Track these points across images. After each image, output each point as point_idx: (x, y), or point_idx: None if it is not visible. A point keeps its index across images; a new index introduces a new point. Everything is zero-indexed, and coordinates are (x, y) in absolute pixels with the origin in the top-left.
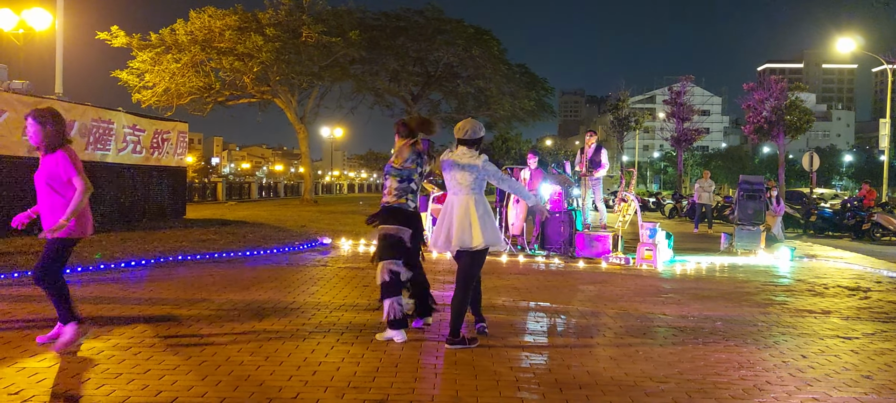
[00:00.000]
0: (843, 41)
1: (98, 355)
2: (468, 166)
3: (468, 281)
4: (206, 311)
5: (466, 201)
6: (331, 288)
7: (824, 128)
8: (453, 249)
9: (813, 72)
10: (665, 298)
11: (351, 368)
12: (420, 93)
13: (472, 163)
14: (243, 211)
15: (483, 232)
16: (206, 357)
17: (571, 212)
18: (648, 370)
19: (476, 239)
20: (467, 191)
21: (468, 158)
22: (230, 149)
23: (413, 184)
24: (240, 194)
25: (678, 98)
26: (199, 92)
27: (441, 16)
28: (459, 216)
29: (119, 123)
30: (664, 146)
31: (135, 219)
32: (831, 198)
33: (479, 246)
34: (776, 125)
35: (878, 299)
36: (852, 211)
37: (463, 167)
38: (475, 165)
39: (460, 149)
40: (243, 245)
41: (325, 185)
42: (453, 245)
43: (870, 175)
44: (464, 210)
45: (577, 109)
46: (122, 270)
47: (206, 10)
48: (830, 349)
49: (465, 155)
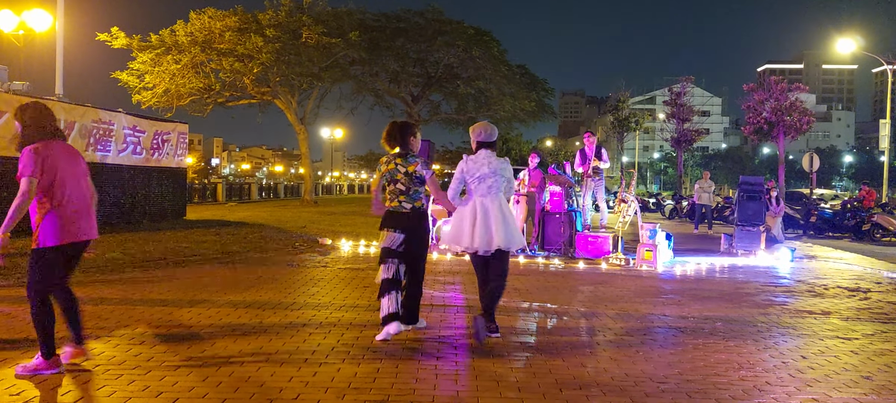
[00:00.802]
0: (842, 42)
1: (99, 356)
2: (500, 169)
3: (506, 272)
4: (206, 312)
5: (500, 203)
6: (331, 289)
7: (824, 129)
8: (494, 248)
9: (813, 73)
10: (665, 299)
11: (352, 369)
12: (420, 94)
13: (502, 165)
14: (243, 212)
15: (517, 231)
16: (207, 358)
17: (572, 213)
18: (649, 370)
19: (517, 238)
20: (496, 193)
21: (496, 161)
22: (230, 149)
23: (400, 185)
24: (240, 195)
25: (678, 99)
26: (199, 93)
27: (441, 17)
28: (499, 217)
29: (119, 124)
30: (664, 147)
31: (135, 220)
32: (831, 199)
33: (521, 244)
34: (776, 126)
35: (878, 300)
36: (852, 212)
37: (495, 170)
38: (505, 167)
39: (483, 152)
40: (244, 246)
41: (326, 186)
42: (496, 244)
43: (870, 175)
44: (501, 211)
45: (577, 110)
46: (123, 271)
47: (206, 11)
48: (830, 349)
49: (491, 157)
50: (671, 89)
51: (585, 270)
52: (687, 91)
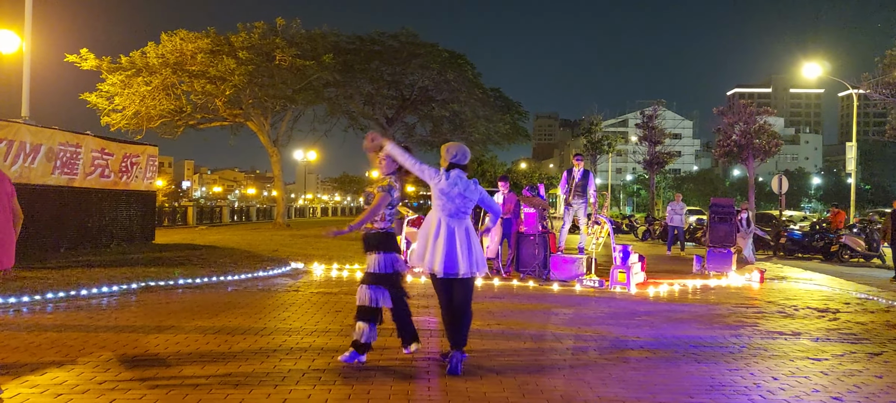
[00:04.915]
0: (809, 66)
1: (61, 385)
2: (468, 192)
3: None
4: (174, 338)
5: (466, 226)
6: (302, 314)
7: (793, 152)
8: (459, 273)
9: (781, 97)
10: (639, 320)
11: (322, 395)
12: (395, 117)
13: (472, 189)
14: (214, 236)
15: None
16: (174, 384)
17: (545, 235)
18: (621, 393)
19: (481, 263)
20: (463, 216)
21: (467, 184)
22: (202, 172)
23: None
24: (211, 218)
25: (650, 122)
26: (170, 115)
27: (416, 40)
28: (464, 241)
29: (87, 147)
30: (637, 169)
31: (102, 244)
32: (801, 221)
33: (485, 268)
34: (745, 148)
35: (847, 320)
36: (821, 234)
37: (463, 193)
38: (474, 190)
39: (455, 172)
40: (213, 270)
41: (299, 209)
42: (461, 271)
43: (838, 197)
44: (466, 235)
45: (551, 132)
46: (89, 297)
47: (177, 33)
48: (801, 370)
49: (463, 179)
50: (643, 112)
51: (559, 292)
52: (658, 114)
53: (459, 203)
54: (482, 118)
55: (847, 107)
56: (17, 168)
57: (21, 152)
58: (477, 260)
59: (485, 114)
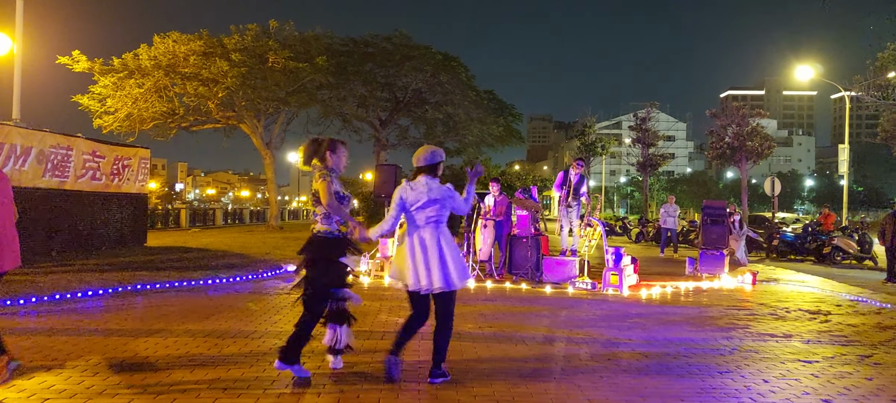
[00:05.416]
0: (802, 69)
1: (49, 390)
2: (440, 197)
3: (451, 315)
4: (164, 342)
5: (440, 236)
6: (293, 317)
7: (786, 154)
8: (435, 289)
9: (774, 99)
10: (631, 323)
11: (312, 399)
12: (388, 119)
13: (443, 193)
14: (207, 238)
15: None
16: (163, 388)
17: (538, 238)
18: (612, 397)
19: (461, 274)
20: (436, 225)
21: (437, 189)
22: (195, 174)
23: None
24: (204, 220)
25: (643, 124)
26: (163, 117)
27: (409, 42)
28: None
29: (78, 150)
30: (630, 171)
31: (94, 247)
32: (793, 223)
33: (466, 278)
34: (738, 150)
35: (838, 322)
36: (813, 235)
37: (434, 199)
38: (446, 195)
39: (422, 179)
40: (205, 273)
41: (292, 211)
42: (437, 286)
43: (830, 199)
44: (441, 246)
45: (545, 134)
46: (79, 300)
47: (170, 35)
48: (791, 373)
49: (432, 184)
50: (636, 115)
51: (552, 295)
52: (652, 116)
53: (430, 212)
54: (476, 120)
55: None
56: (7, 170)
57: (11, 154)
58: (454, 273)
59: (478, 116)
